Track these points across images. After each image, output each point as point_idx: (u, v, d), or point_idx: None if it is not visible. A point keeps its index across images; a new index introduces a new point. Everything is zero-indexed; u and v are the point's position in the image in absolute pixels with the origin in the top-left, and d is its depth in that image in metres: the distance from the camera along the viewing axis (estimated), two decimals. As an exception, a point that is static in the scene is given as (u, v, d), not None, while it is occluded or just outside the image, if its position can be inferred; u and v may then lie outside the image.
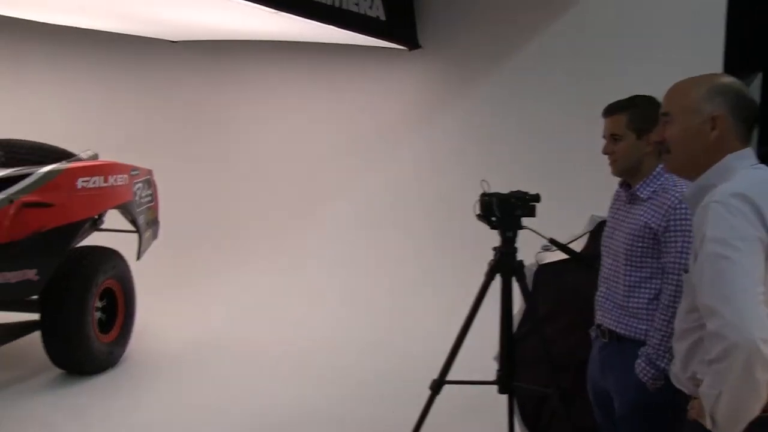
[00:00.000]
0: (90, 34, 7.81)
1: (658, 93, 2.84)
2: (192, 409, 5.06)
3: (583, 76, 6.40)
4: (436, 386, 3.74)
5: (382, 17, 6.54)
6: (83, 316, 5.50)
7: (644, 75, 5.30)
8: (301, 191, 7.75)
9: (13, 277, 5.13)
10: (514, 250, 3.74)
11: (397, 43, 7.02)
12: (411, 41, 7.11)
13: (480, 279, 3.86)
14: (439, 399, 3.86)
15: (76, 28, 7.67)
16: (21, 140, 6.04)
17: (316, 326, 6.59)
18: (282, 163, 7.86)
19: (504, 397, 3.93)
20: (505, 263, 3.73)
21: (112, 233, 6.30)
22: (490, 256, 3.85)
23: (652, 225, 2.76)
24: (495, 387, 3.86)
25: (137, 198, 6.27)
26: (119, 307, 6.01)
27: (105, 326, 5.82)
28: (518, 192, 3.73)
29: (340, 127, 7.64)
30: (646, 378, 2.73)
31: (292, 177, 7.80)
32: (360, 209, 7.48)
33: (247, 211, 7.85)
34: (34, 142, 6.08)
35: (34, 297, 5.56)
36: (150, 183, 6.57)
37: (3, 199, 5.04)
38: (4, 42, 8.76)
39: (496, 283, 3.83)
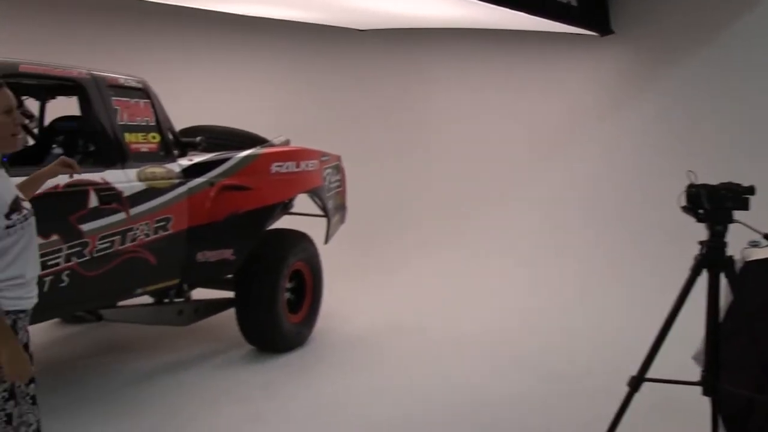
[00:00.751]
0: (277, 23, 8.07)
1: None
2: (376, 390, 5.12)
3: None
4: (636, 383, 3.58)
5: (574, 2, 6.38)
6: (274, 296, 5.66)
7: None
8: (487, 181, 7.70)
9: (212, 256, 5.41)
10: (724, 245, 3.52)
11: (589, 29, 6.84)
12: (603, 27, 6.89)
13: (679, 274, 3.66)
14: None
15: (264, 18, 7.95)
16: (219, 126, 6.29)
17: (501, 318, 6.53)
18: (466, 153, 7.83)
19: (704, 399, 3.72)
20: (713, 258, 3.53)
21: (302, 217, 6.45)
22: (690, 250, 3.64)
23: None
24: (694, 388, 3.66)
25: (326, 183, 6.40)
26: (307, 289, 6.15)
27: (294, 307, 5.98)
28: (730, 183, 3.51)
29: (528, 116, 7.51)
30: None
31: (476, 166, 7.76)
32: (549, 200, 7.35)
33: (431, 200, 7.88)
34: (231, 128, 6.33)
35: (230, 276, 5.79)
36: (339, 169, 6.69)
37: (204, 182, 5.31)
38: (211, 34, 9.19)
39: (699, 278, 3.63)
